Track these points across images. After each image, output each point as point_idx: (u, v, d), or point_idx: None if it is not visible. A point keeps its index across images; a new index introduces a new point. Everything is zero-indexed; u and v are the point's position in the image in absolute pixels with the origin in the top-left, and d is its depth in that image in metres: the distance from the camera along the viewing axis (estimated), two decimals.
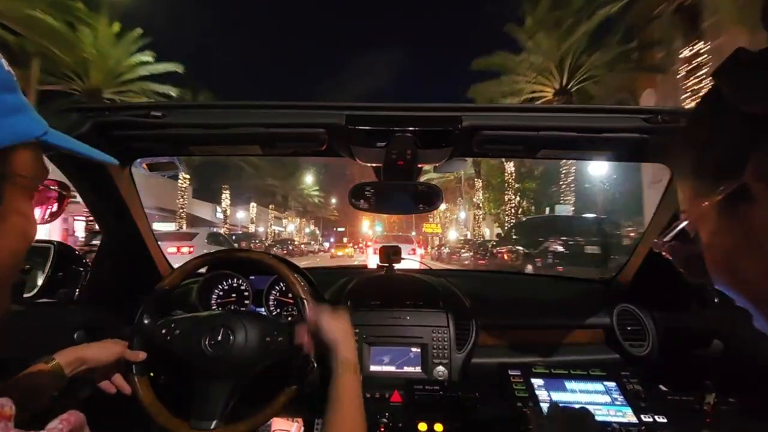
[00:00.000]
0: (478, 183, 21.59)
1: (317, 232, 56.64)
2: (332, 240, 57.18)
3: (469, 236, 23.46)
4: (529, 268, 8.35)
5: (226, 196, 25.04)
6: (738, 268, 0.34)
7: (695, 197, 0.35)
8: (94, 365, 0.80)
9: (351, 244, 39.45)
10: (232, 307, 1.17)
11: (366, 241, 26.78)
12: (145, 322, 0.87)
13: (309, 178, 38.69)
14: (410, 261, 1.45)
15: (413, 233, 29.85)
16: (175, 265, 1.05)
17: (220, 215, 25.80)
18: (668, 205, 1.02)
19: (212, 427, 0.78)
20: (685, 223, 0.39)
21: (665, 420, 0.86)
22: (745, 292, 0.34)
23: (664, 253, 0.43)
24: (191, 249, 11.25)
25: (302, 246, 29.65)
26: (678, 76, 9.01)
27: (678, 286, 1.09)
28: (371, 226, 43.64)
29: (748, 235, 0.31)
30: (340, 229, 63.62)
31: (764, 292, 0.32)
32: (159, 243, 1.21)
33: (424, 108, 0.85)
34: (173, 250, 11.11)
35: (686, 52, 8.76)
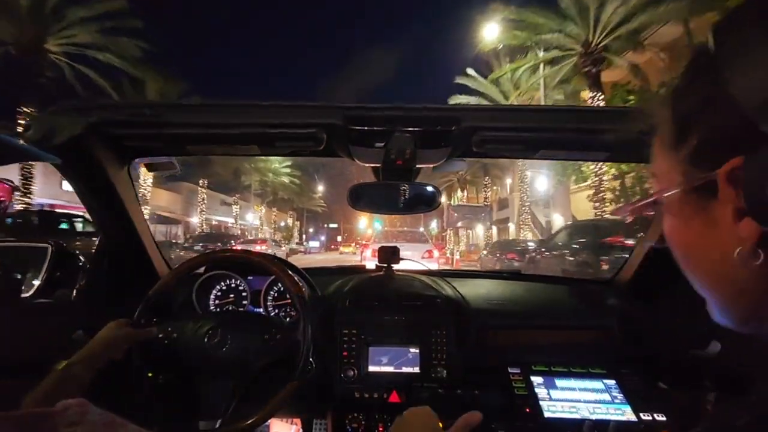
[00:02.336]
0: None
1: (296, 227, 44.26)
2: (323, 239, 47.06)
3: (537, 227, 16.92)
4: None
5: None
6: (692, 256, 0.34)
7: (666, 172, 0.34)
8: (108, 357, 0.80)
9: (354, 244, 35.06)
10: (230, 308, 1.17)
11: (363, 240, 22.11)
12: (143, 323, 0.87)
13: None
14: (411, 263, 1.44)
15: (421, 229, 24.11)
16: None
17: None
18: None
19: (212, 426, 0.78)
20: (652, 199, 0.36)
21: (664, 418, 0.86)
22: (697, 277, 0.34)
23: (628, 220, 0.41)
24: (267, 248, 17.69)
25: (259, 245, 18.79)
26: None
27: (677, 286, 1.09)
28: (370, 223, 36.18)
29: (706, 229, 0.31)
30: (332, 226, 53.44)
31: (715, 283, 0.32)
32: (249, 246, 1.20)
33: (422, 108, 0.85)
34: (259, 248, 16.21)
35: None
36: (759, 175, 0.25)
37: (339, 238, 51.20)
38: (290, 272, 0.94)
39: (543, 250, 9.29)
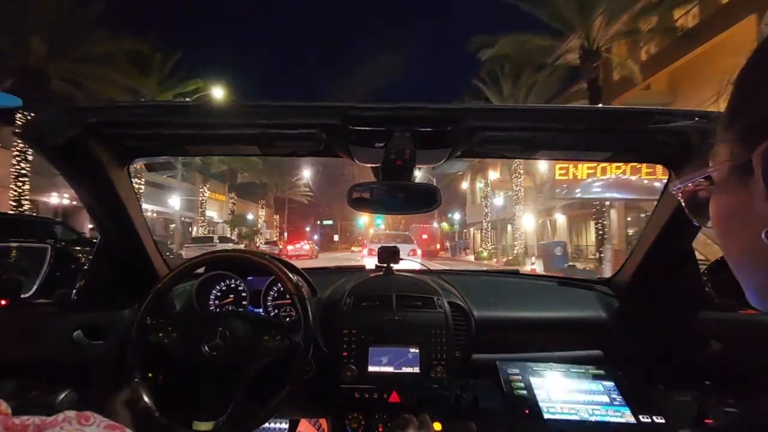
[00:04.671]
0: None
1: (275, 222, 34.05)
2: (316, 238, 39.41)
3: None
4: None
5: None
6: (729, 234, 0.35)
7: (719, 151, 0.35)
8: None
9: (361, 246, 27.82)
10: (230, 308, 1.17)
11: (364, 240, 22.87)
12: (143, 324, 0.87)
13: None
14: (409, 261, 1.45)
15: (435, 225, 24.85)
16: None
17: None
18: (667, 204, 1.02)
19: (212, 427, 0.78)
20: (709, 172, 0.37)
21: (663, 420, 0.86)
22: (733, 259, 0.35)
23: (678, 196, 0.41)
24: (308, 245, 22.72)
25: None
26: None
27: (677, 286, 1.09)
28: (371, 221, 32.99)
29: (742, 208, 0.32)
30: (326, 223, 46.55)
31: (748, 266, 0.33)
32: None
33: (422, 108, 0.85)
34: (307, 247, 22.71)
35: None
36: None
37: (336, 237, 47.23)
38: (290, 272, 0.94)
39: None
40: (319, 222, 46.84)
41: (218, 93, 17.08)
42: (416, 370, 1.00)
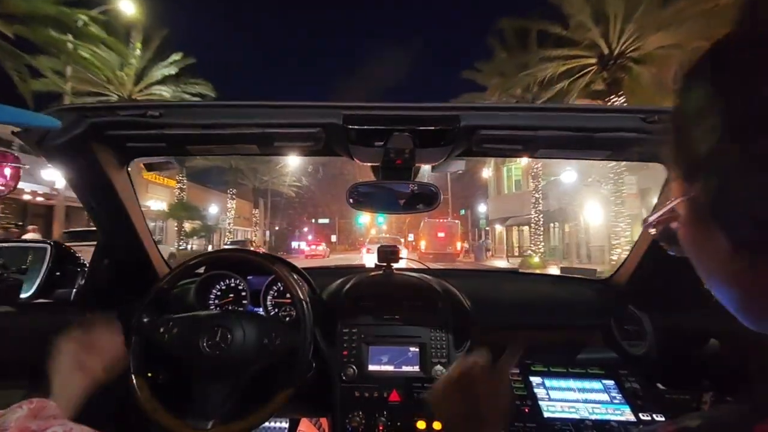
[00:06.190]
0: None
1: (255, 218, 28.13)
2: (310, 238, 35.28)
3: None
4: None
5: None
6: (699, 260, 0.36)
7: (673, 185, 0.36)
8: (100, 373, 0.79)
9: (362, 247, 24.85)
10: (230, 307, 1.17)
11: (365, 240, 23.23)
12: (143, 321, 0.87)
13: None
14: (406, 261, 1.45)
15: (453, 220, 22.40)
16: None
17: None
18: (666, 204, 1.02)
19: (209, 426, 0.78)
20: (671, 204, 0.38)
21: (663, 419, 0.86)
22: (704, 279, 0.36)
23: (651, 232, 0.43)
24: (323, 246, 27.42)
25: None
26: None
27: (675, 285, 1.09)
28: (372, 221, 32.24)
29: (706, 235, 0.32)
30: (322, 221, 42.05)
31: (723, 287, 0.34)
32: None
33: (422, 107, 0.85)
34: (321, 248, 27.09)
35: None
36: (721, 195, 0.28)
37: (334, 238, 43.63)
38: (290, 272, 0.94)
39: None
40: (313, 220, 42.69)
41: (127, 7, 11.56)
42: (416, 369, 1.00)
